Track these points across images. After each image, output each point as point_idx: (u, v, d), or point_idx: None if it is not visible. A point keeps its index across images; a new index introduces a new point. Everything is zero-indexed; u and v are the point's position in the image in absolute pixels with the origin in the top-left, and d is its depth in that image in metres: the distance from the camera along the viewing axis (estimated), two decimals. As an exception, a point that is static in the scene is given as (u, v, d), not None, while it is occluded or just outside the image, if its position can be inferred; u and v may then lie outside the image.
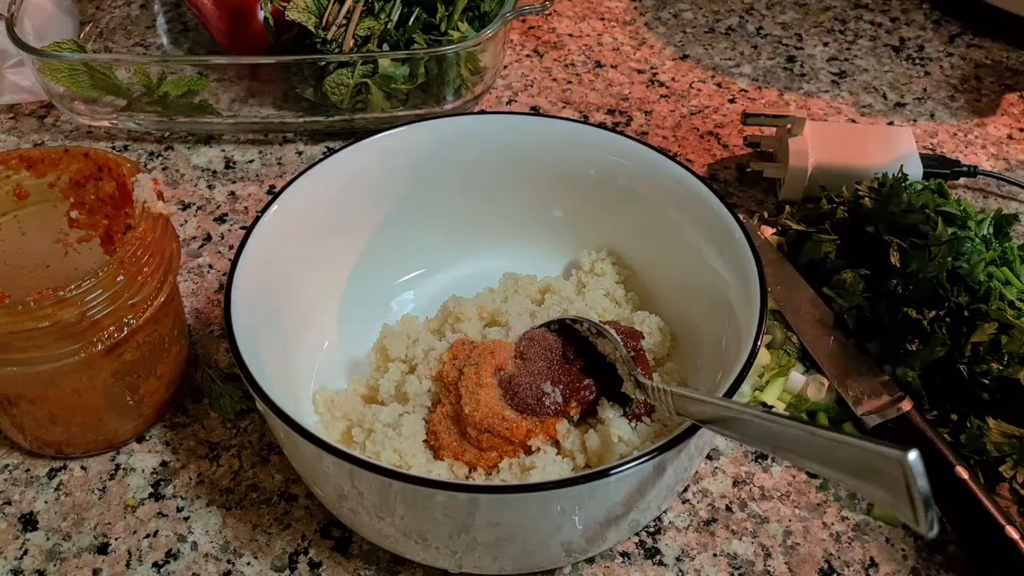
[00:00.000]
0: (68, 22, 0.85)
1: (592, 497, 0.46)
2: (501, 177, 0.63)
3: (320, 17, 0.78)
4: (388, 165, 0.61)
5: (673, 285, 0.61)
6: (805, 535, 0.54)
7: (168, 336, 0.57)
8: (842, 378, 0.58)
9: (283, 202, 0.57)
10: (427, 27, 0.80)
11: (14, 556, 0.53)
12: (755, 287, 0.51)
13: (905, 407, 0.55)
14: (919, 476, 0.33)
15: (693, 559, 0.53)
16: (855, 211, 0.66)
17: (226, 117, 0.80)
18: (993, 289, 0.58)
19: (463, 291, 0.62)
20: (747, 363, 0.48)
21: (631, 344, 0.54)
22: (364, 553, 0.53)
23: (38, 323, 0.48)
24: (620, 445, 0.51)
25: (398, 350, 0.57)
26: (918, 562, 0.53)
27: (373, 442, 0.52)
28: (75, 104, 0.79)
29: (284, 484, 0.56)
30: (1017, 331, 0.57)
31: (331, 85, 0.77)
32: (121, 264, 0.50)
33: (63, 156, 0.57)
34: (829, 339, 0.60)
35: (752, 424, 0.42)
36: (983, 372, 0.56)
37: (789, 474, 0.57)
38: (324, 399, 0.56)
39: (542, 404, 0.52)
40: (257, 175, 0.78)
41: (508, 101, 0.86)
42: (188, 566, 0.53)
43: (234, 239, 0.72)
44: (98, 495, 0.56)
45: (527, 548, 0.48)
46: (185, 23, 0.94)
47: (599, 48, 0.92)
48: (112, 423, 0.57)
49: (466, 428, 0.52)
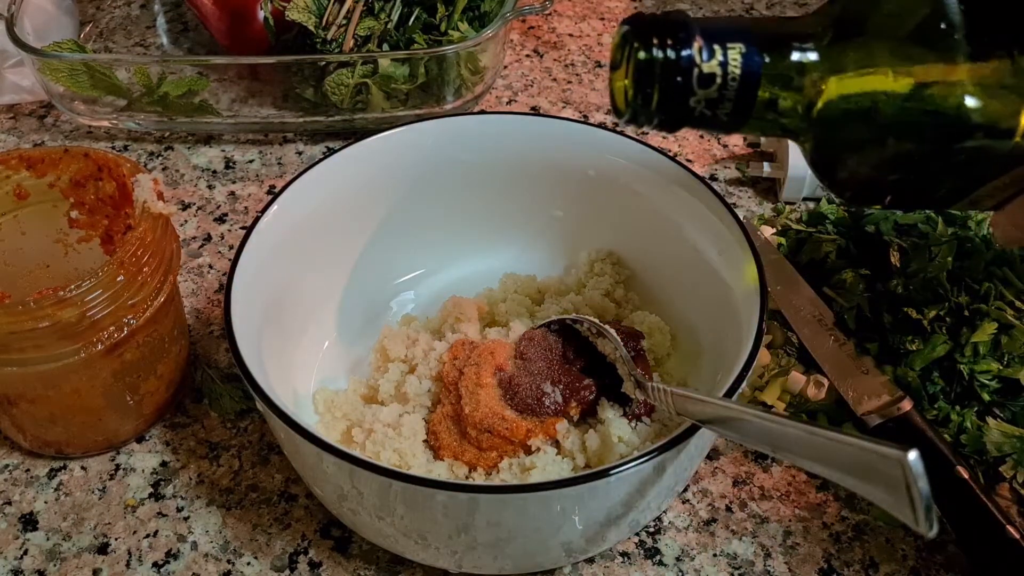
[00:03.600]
0: (68, 22, 0.85)
1: (592, 497, 0.46)
2: (501, 177, 0.63)
3: (320, 17, 0.78)
4: (388, 165, 0.61)
5: (673, 285, 0.61)
6: (805, 535, 0.54)
7: (168, 336, 0.57)
8: (842, 378, 0.58)
9: (283, 202, 0.57)
10: (427, 27, 0.80)
11: (14, 556, 0.53)
12: (755, 287, 0.51)
13: (905, 407, 0.55)
14: (919, 476, 0.33)
15: (693, 559, 0.53)
16: (855, 211, 0.66)
17: (226, 117, 0.80)
18: (993, 289, 0.58)
19: (463, 291, 0.62)
20: (747, 363, 0.48)
21: (631, 344, 0.54)
22: (364, 553, 0.53)
23: (38, 323, 0.48)
24: (620, 445, 0.51)
25: (398, 350, 0.57)
26: (918, 562, 0.53)
27: (373, 442, 0.52)
28: (75, 104, 0.79)
29: (284, 484, 0.56)
30: (1017, 331, 0.57)
31: (331, 85, 0.77)
32: (121, 264, 0.50)
33: (63, 156, 0.57)
34: (829, 339, 0.60)
35: (752, 424, 0.42)
36: (983, 372, 0.56)
37: (789, 474, 0.57)
38: (324, 399, 0.56)
39: (542, 404, 0.52)
40: (257, 175, 0.78)
41: (508, 101, 0.86)
42: (188, 566, 0.53)
43: (234, 239, 0.72)
44: (98, 495, 0.56)
45: (527, 548, 0.48)
46: (185, 23, 0.94)
47: (599, 48, 0.92)
48: (112, 423, 0.57)
49: (466, 428, 0.52)
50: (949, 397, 0.57)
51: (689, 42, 0.36)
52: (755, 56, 0.36)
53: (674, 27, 0.37)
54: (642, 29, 0.37)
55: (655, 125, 0.39)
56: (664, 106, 0.37)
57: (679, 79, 0.36)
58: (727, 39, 0.36)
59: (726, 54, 0.36)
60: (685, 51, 0.36)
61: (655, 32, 0.37)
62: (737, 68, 0.36)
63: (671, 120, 0.38)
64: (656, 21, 0.38)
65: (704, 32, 0.36)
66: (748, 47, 0.36)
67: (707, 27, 0.37)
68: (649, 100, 0.37)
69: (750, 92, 0.37)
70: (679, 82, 0.37)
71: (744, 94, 0.37)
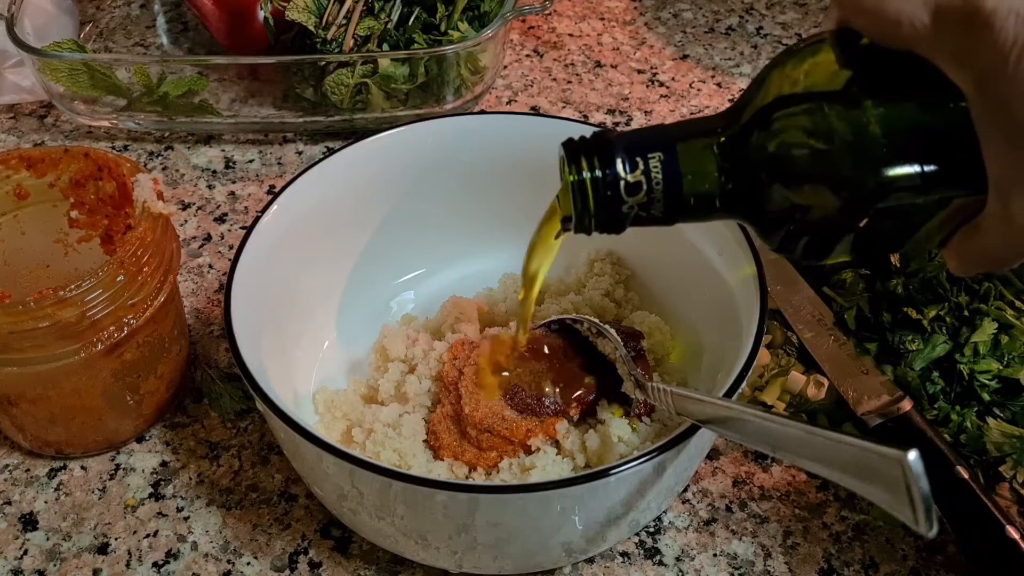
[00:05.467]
0: (68, 22, 0.85)
1: (592, 497, 0.46)
2: (501, 177, 0.63)
3: (320, 17, 0.78)
4: (388, 165, 0.61)
5: (673, 285, 0.61)
6: (805, 535, 0.54)
7: (168, 336, 0.57)
8: (842, 378, 0.58)
9: (283, 202, 0.57)
10: (427, 27, 0.80)
11: (14, 556, 0.53)
12: (755, 287, 0.51)
13: (905, 407, 0.55)
14: (919, 476, 0.33)
15: (693, 559, 0.53)
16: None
17: (226, 117, 0.80)
18: (993, 289, 0.58)
19: (463, 291, 0.62)
20: (747, 363, 0.48)
21: (631, 344, 0.54)
22: (364, 553, 0.53)
23: (38, 323, 0.48)
24: (620, 445, 0.51)
25: (398, 350, 0.57)
26: (918, 562, 0.53)
27: (373, 442, 0.52)
28: (75, 104, 0.79)
29: (284, 484, 0.56)
30: (1017, 331, 0.57)
31: (331, 85, 0.77)
32: (121, 264, 0.50)
33: (63, 156, 0.57)
34: (829, 339, 0.60)
35: (752, 424, 0.42)
36: (983, 372, 0.56)
37: (789, 474, 0.57)
38: (324, 399, 0.56)
39: (542, 404, 0.52)
40: (257, 175, 0.78)
41: (508, 101, 0.86)
42: (188, 566, 0.53)
43: (234, 239, 0.72)
44: (98, 495, 0.56)
45: (527, 548, 0.48)
46: (185, 23, 0.94)
47: (599, 48, 0.92)
48: (112, 423, 0.57)
49: (466, 428, 0.52)
50: (949, 397, 0.57)
51: (613, 159, 0.41)
52: (673, 159, 0.41)
53: (599, 147, 0.41)
54: (572, 152, 0.42)
55: (600, 231, 0.43)
56: (601, 215, 0.42)
57: (609, 193, 0.41)
58: (647, 150, 0.41)
59: (647, 163, 0.40)
60: (610, 168, 0.41)
61: (583, 153, 0.41)
62: (659, 174, 0.40)
63: (611, 225, 0.43)
64: (583, 143, 0.42)
65: (626, 148, 0.41)
66: (666, 153, 0.41)
67: (629, 142, 0.41)
68: (588, 211, 0.42)
69: (676, 190, 0.41)
70: (609, 195, 0.41)
71: (671, 193, 0.41)
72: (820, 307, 0.61)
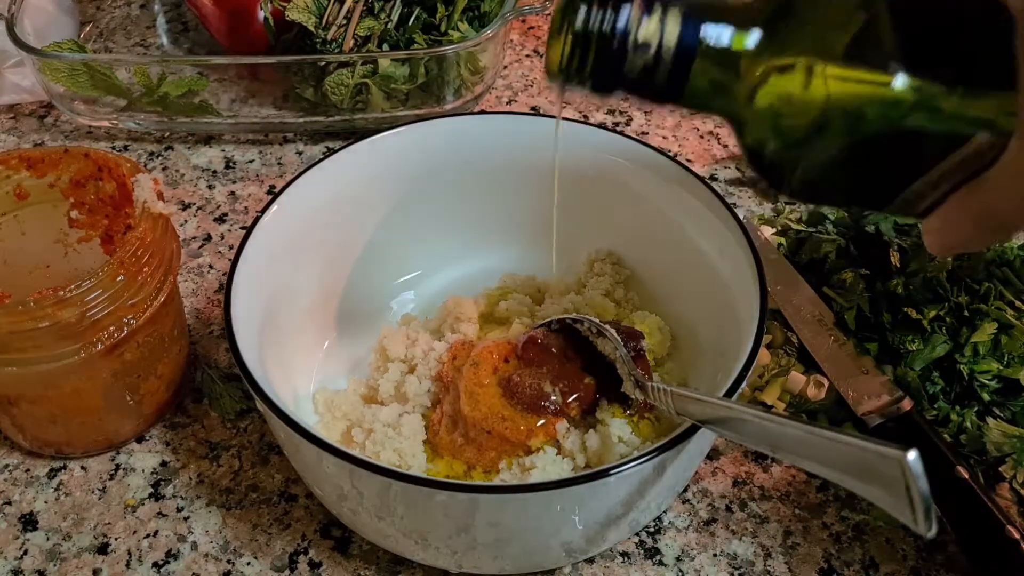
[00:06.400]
0: (68, 22, 0.85)
1: (592, 497, 0.46)
2: (501, 177, 0.63)
3: (320, 17, 0.78)
4: (388, 165, 0.61)
5: (673, 285, 0.61)
6: (805, 535, 0.54)
7: (168, 336, 0.57)
8: (842, 378, 0.58)
9: (283, 202, 0.57)
10: (427, 27, 0.80)
11: (14, 556, 0.53)
12: (755, 287, 0.51)
13: (905, 407, 0.55)
14: (919, 476, 0.33)
15: (693, 559, 0.53)
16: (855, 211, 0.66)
17: (226, 117, 0.80)
18: (993, 289, 0.58)
19: (463, 291, 0.62)
20: (747, 363, 0.48)
21: (631, 344, 0.54)
22: (364, 553, 0.53)
23: (38, 323, 0.48)
24: (620, 445, 0.51)
25: (398, 350, 0.57)
26: (918, 562, 0.53)
27: (373, 442, 0.52)
28: (75, 104, 0.79)
29: (284, 484, 0.56)
30: (1017, 331, 0.57)
31: (331, 85, 0.77)
32: (121, 264, 0.50)
33: (63, 156, 0.57)
34: (829, 339, 0.60)
35: (752, 424, 0.42)
36: (983, 372, 0.56)
37: (789, 474, 0.57)
38: (324, 399, 0.56)
39: (542, 404, 0.52)
40: (257, 175, 0.78)
41: (508, 101, 0.86)
42: (188, 566, 0.53)
43: (234, 239, 0.72)
44: (98, 495, 0.56)
45: (527, 548, 0.48)
46: (185, 23, 0.94)
47: (599, 48, 0.92)
48: (112, 423, 0.57)
49: (466, 428, 0.52)
50: (949, 397, 0.57)
51: (627, 6, 0.37)
52: (692, 27, 0.37)
53: None
54: None
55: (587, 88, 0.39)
56: (598, 71, 0.38)
57: (615, 45, 0.37)
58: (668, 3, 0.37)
59: (664, 20, 0.36)
60: (622, 16, 0.36)
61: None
62: (673, 37, 0.36)
63: (603, 84, 0.38)
64: None
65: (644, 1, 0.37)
66: (687, 16, 0.37)
67: None
68: (584, 65, 0.38)
69: (684, 63, 0.37)
70: (615, 49, 0.37)
71: (678, 64, 0.37)
72: (820, 307, 0.61)
